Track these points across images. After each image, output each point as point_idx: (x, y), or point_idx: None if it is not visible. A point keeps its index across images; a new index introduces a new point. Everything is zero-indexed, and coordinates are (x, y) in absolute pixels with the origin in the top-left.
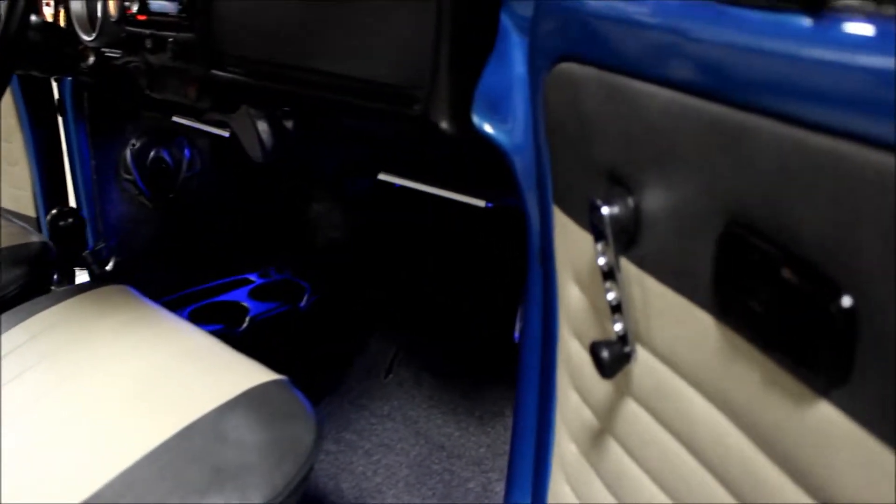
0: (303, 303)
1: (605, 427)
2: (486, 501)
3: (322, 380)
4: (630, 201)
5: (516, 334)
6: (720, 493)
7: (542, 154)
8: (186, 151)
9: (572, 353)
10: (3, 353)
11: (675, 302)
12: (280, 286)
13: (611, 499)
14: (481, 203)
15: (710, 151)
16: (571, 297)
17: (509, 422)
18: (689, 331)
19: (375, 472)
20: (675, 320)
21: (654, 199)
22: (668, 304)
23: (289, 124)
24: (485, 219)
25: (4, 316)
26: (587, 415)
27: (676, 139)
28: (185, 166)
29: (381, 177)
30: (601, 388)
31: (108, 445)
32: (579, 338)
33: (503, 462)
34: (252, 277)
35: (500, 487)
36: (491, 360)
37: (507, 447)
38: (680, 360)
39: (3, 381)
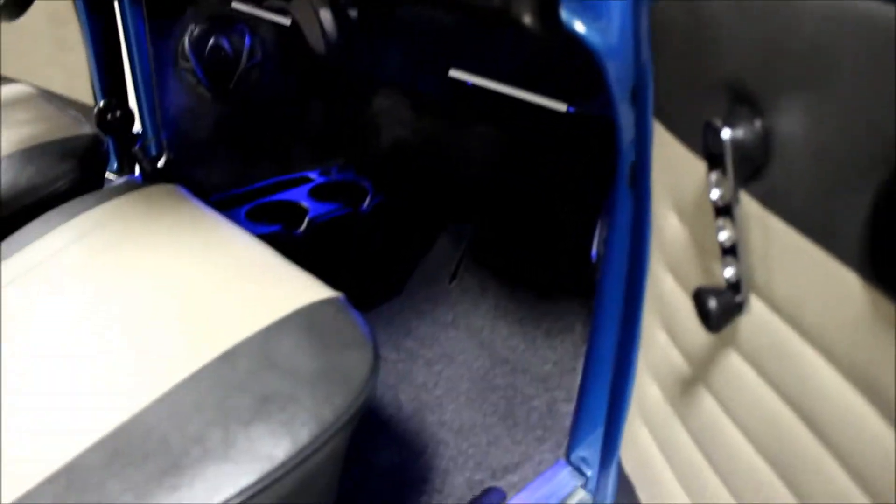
0: (365, 205)
1: (697, 376)
2: (551, 423)
3: (384, 284)
4: (758, 124)
5: (593, 252)
6: (843, 480)
7: (642, 59)
8: (247, 40)
9: (665, 290)
10: (44, 255)
11: (807, 252)
12: (341, 186)
13: (696, 451)
14: (562, 107)
15: (886, 74)
16: (669, 228)
17: (578, 338)
18: (824, 289)
19: (436, 384)
20: (804, 273)
21: (794, 125)
22: (797, 252)
23: (353, 13)
24: (565, 125)
25: (51, 214)
26: (676, 359)
27: (838, 54)
28: (245, 56)
29: (453, 74)
30: (699, 334)
31: (147, 365)
32: (675, 274)
33: (570, 381)
34: (312, 176)
35: (566, 409)
36: (562, 273)
37: (575, 365)
38: (807, 321)
39: (37, 292)
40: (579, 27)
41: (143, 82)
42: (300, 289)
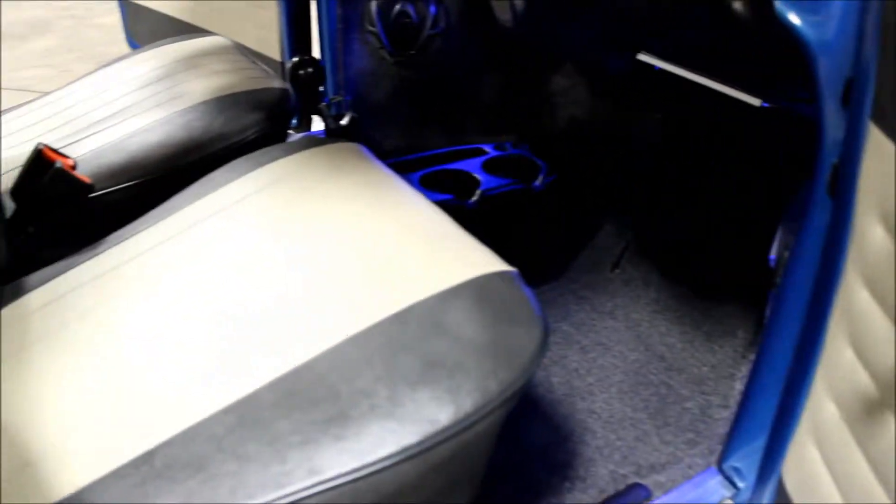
0: (537, 182)
1: (886, 402)
2: (704, 427)
3: (547, 265)
4: None
5: (771, 256)
6: None
7: (863, 58)
8: (432, 7)
9: (858, 306)
10: (230, 201)
11: None
12: (515, 161)
13: (875, 482)
14: (756, 101)
15: None
16: (872, 239)
17: (740, 344)
18: None
19: (589, 371)
20: None
21: None
22: None
23: None
24: (754, 119)
25: (237, 162)
26: (863, 380)
27: None
28: (429, 23)
29: (641, 57)
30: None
31: (321, 316)
32: (873, 291)
33: (727, 387)
34: (487, 149)
35: (720, 415)
36: (731, 274)
37: (734, 371)
38: None
39: (222, 234)
40: (794, 19)
41: (329, 42)
42: (476, 259)
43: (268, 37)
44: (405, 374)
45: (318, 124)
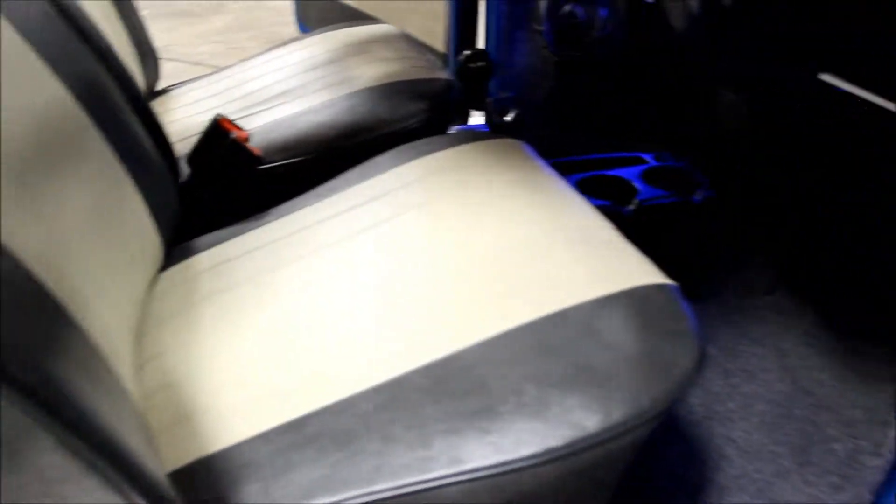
0: (696, 196)
1: None
2: (851, 473)
3: (698, 282)
4: None
5: None
6: None
7: None
8: (602, 10)
9: None
10: (393, 186)
11: None
12: (675, 174)
13: None
14: None
15: None
16: None
17: None
18: None
19: (730, 397)
20: None
21: None
22: None
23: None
24: None
25: (402, 148)
26: None
27: None
28: (597, 25)
29: (824, 77)
30: None
31: (475, 307)
32: None
33: (880, 434)
34: (647, 158)
35: (871, 462)
36: (894, 314)
37: (888, 419)
38: None
39: (382, 218)
40: None
41: (496, 38)
42: (635, 268)
43: (433, 28)
44: (556, 377)
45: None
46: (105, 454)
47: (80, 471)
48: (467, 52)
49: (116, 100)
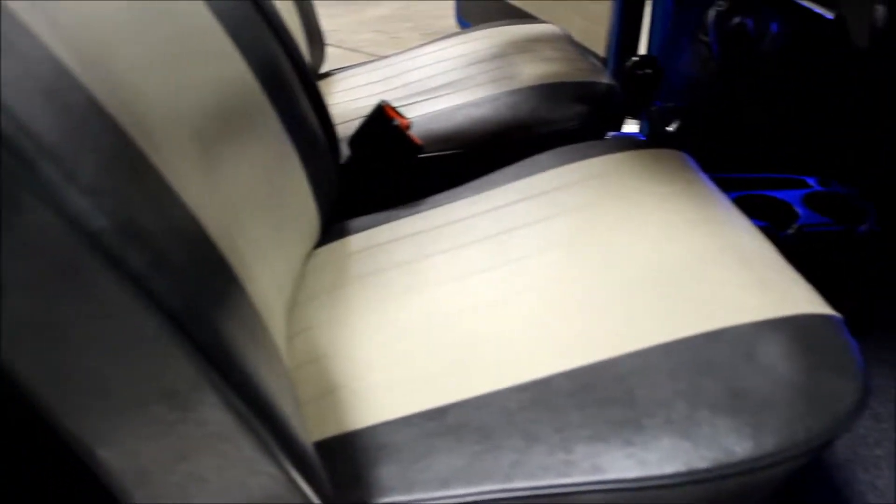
0: (863, 227)
1: None
2: None
3: (855, 317)
4: None
5: None
6: None
7: None
8: (773, 25)
9: None
10: (551, 187)
11: None
12: (840, 201)
13: None
14: None
15: None
16: None
17: None
18: None
19: (878, 443)
20: None
21: None
22: None
23: None
24: None
25: (562, 149)
26: None
27: None
28: (767, 41)
29: None
30: None
31: (627, 316)
32: None
33: None
34: (810, 182)
35: None
36: None
37: None
38: None
39: (539, 217)
40: None
41: (660, 45)
42: (798, 295)
43: (595, 30)
44: (708, 397)
45: (628, 127)
46: (263, 417)
47: (240, 431)
48: (635, 58)
49: (290, 79)
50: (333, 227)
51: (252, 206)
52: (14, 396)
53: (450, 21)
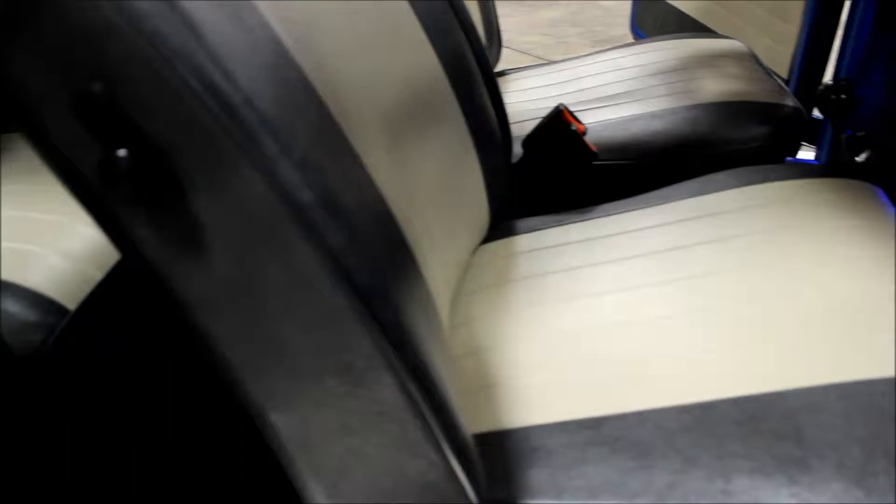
0: None
1: None
2: None
3: None
4: None
5: None
6: None
7: None
8: None
9: None
10: (727, 208)
11: None
12: None
13: None
14: None
15: None
16: None
17: None
18: None
19: None
20: None
21: None
22: None
23: None
24: None
25: (742, 170)
26: None
27: None
28: None
29: None
30: None
31: (798, 350)
32: None
33: None
34: None
35: None
36: None
37: None
38: None
39: (714, 237)
40: None
41: (850, 71)
42: None
43: (779, 50)
44: (888, 445)
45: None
46: (432, 402)
47: (408, 413)
48: (828, 82)
49: (474, 73)
50: (501, 224)
51: (429, 195)
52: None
53: (620, 30)
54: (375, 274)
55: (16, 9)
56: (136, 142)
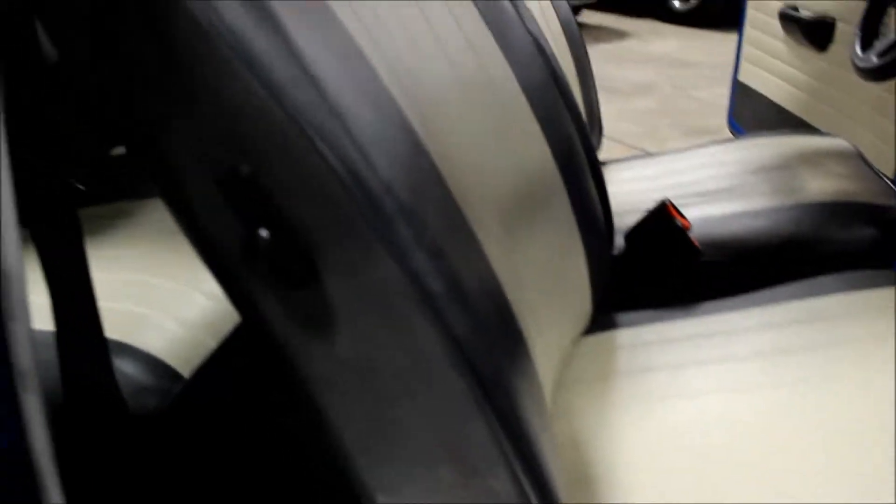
0: None
1: None
2: None
3: None
4: None
5: None
6: None
7: None
8: None
9: None
10: (834, 313)
11: None
12: None
13: None
14: None
15: None
16: None
17: None
18: None
19: None
20: None
21: None
22: None
23: None
24: None
25: (850, 275)
26: None
27: None
28: None
29: None
30: None
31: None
32: None
33: None
34: None
35: None
36: None
37: None
38: None
39: (819, 343)
40: None
41: None
42: None
43: (886, 150)
44: None
45: None
46: (543, 496)
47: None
48: None
49: (582, 163)
50: (602, 316)
51: (536, 282)
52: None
53: (713, 121)
54: (496, 362)
55: (174, 89)
56: (276, 221)
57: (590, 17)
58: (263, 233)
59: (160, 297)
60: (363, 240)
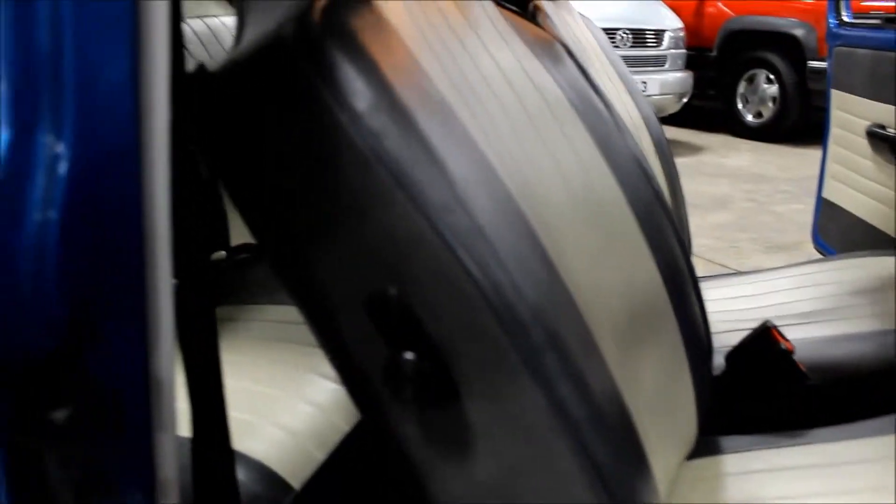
0: None
1: None
2: None
3: None
4: None
5: None
6: None
7: None
8: None
9: None
10: None
11: None
12: None
13: None
14: None
15: None
16: None
17: None
18: None
19: None
20: None
21: None
22: None
23: None
24: None
25: None
26: None
27: None
28: None
29: None
30: None
31: None
32: None
33: None
34: None
35: None
36: None
37: None
38: None
39: None
40: None
41: None
42: None
43: None
44: None
45: None
46: None
47: None
48: None
49: (686, 281)
50: (704, 440)
51: (646, 402)
52: None
53: (792, 237)
54: (629, 488)
55: (331, 209)
56: (422, 345)
57: (665, 131)
58: (409, 355)
59: (264, 405)
60: (508, 366)
